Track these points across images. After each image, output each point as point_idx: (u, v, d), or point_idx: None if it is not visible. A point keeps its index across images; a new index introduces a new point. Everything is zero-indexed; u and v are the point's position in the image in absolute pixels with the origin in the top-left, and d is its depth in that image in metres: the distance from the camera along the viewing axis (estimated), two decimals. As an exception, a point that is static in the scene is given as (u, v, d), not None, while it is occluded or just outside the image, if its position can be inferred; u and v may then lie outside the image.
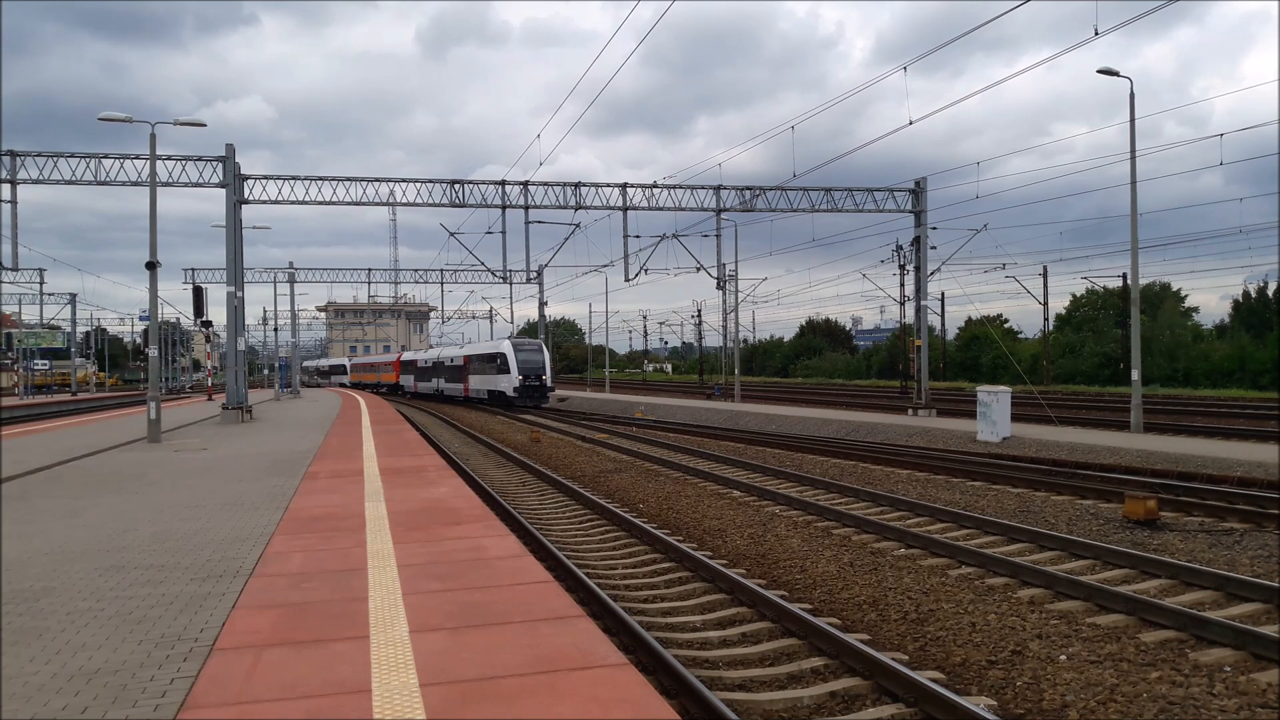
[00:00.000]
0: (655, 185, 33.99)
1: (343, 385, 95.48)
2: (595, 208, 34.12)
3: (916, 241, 33.81)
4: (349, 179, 31.91)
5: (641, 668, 6.63)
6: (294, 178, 31.24)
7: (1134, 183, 24.13)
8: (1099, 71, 24.22)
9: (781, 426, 30.55)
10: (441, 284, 65.60)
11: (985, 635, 7.70)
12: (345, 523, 9.52)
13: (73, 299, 73.74)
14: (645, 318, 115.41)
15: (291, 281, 59.00)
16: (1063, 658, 7.05)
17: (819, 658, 7.19)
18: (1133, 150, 24.09)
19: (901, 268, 49.36)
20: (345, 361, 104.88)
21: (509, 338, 54.10)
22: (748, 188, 34.54)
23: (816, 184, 34.24)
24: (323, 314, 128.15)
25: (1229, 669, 6.75)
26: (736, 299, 50.00)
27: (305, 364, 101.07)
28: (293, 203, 31.34)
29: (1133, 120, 24.21)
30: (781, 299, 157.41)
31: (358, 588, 6.64)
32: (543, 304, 58.01)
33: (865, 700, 6.37)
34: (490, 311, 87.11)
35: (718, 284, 43.48)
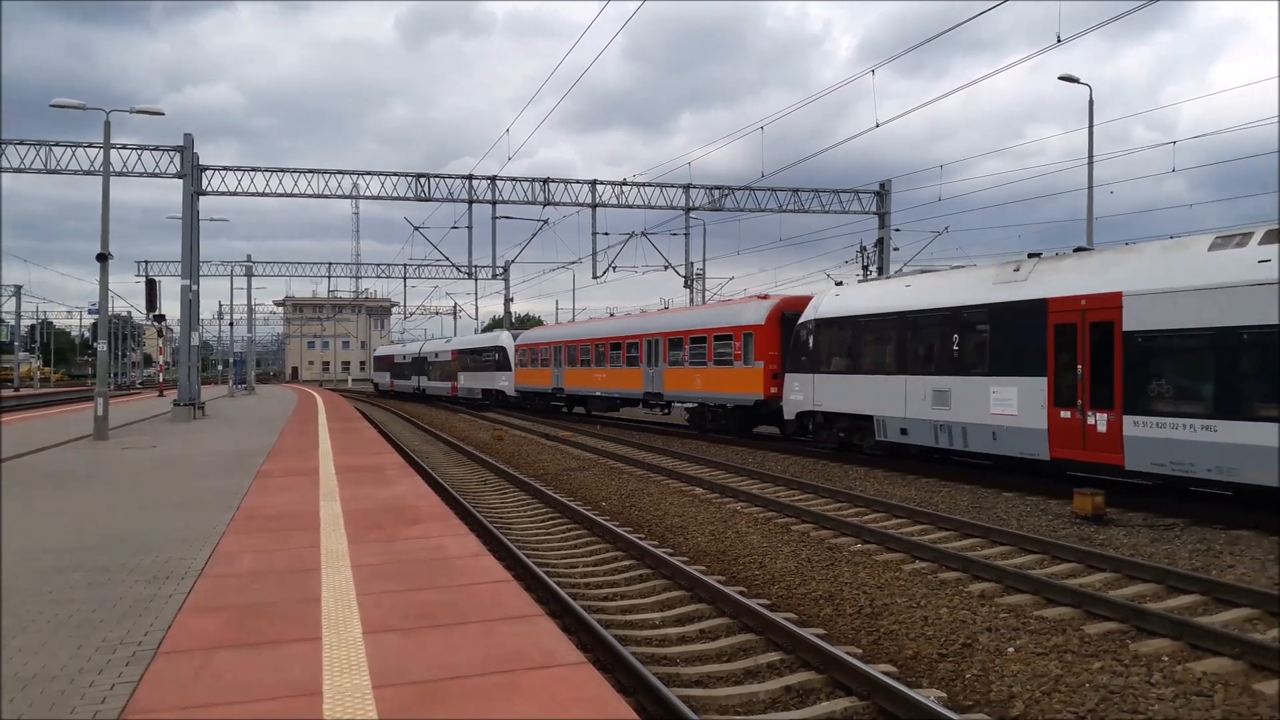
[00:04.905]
0: (625, 183, 34.06)
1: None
2: (564, 204, 34.12)
3: (880, 243, 34.22)
4: (311, 170, 31.59)
5: (600, 666, 6.68)
6: (255, 169, 30.84)
7: (1090, 187, 24.73)
8: (1060, 78, 24.82)
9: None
10: (404, 279, 65.22)
11: (937, 629, 7.85)
12: (299, 522, 9.46)
13: (17, 291, 72.19)
14: (612, 315, 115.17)
15: (249, 275, 58.21)
16: (1010, 650, 7.22)
17: (775, 653, 7.28)
18: (1090, 155, 24.75)
19: (865, 268, 49.83)
20: None
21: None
22: (717, 187, 34.73)
23: (786, 184, 34.51)
24: (280, 309, 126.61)
25: (1166, 659, 6.97)
26: (704, 297, 50.18)
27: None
28: (253, 194, 30.96)
29: (1091, 126, 24.83)
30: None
31: (311, 588, 6.61)
32: (509, 300, 57.80)
33: (820, 694, 6.48)
34: (454, 308, 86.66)
35: (685, 282, 43.62)
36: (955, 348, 16.18)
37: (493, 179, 33.19)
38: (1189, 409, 12.33)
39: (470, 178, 33.18)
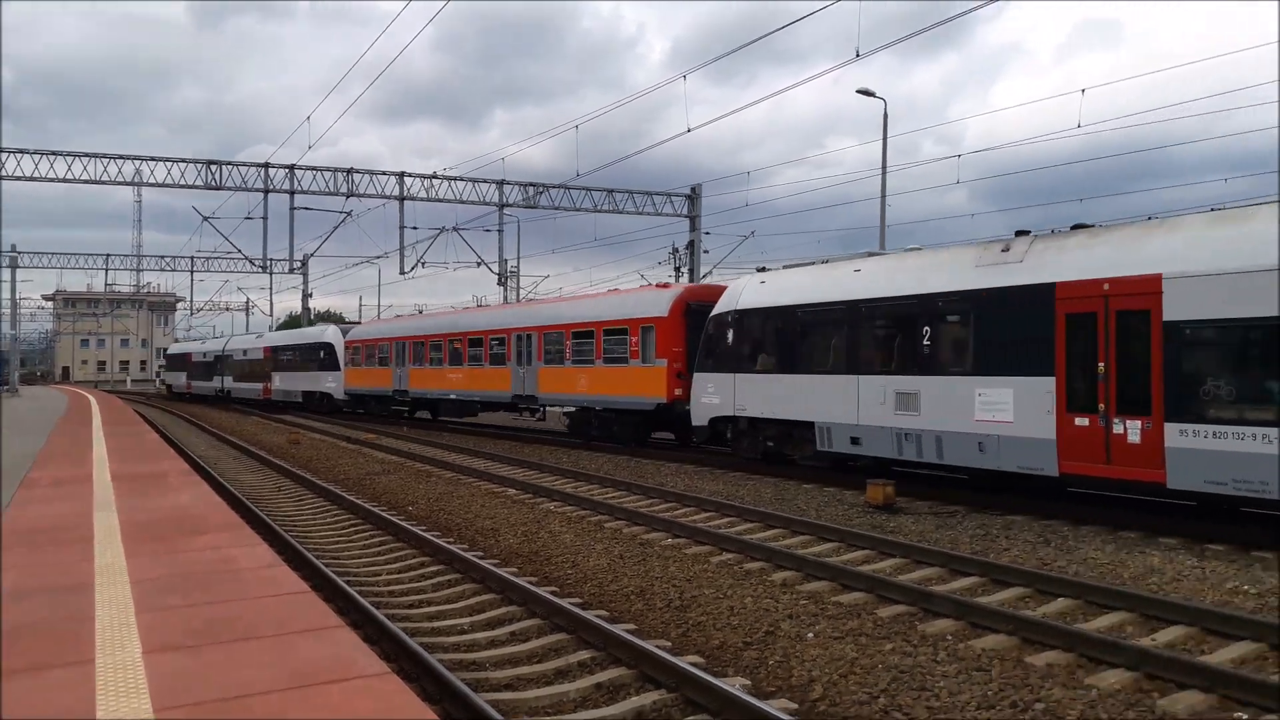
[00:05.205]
0: (435, 176, 33.28)
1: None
2: (370, 196, 32.99)
3: (691, 245, 35.12)
4: (88, 155, 28.91)
5: (405, 675, 6.44)
6: (23, 151, 27.90)
7: (884, 196, 26.32)
8: (859, 91, 26.28)
9: (559, 423, 30.69)
10: (191, 272, 60.81)
11: (742, 618, 8.09)
12: (69, 535, 8.59)
13: None
14: (421, 312, 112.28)
15: (14, 266, 52.69)
16: (810, 635, 7.54)
17: (587, 651, 7.27)
18: (884, 166, 26.27)
19: (677, 269, 51.05)
20: None
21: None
22: (531, 184, 34.56)
23: (601, 184, 34.77)
24: (50, 303, 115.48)
25: (950, 637, 7.48)
26: (518, 295, 49.81)
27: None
28: (19, 179, 28.00)
29: (885, 139, 26.37)
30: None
31: (83, 606, 6.00)
32: (307, 295, 55.26)
33: (630, 689, 6.51)
34: (247, 303, 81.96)
35: (499, 279, 43.14)
36: (926, 343, 13.79)
37: (291, 168, 31.65)
38: (1262, 415, 10.14)
39: (267, 166, 31.50)
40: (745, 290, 17.81)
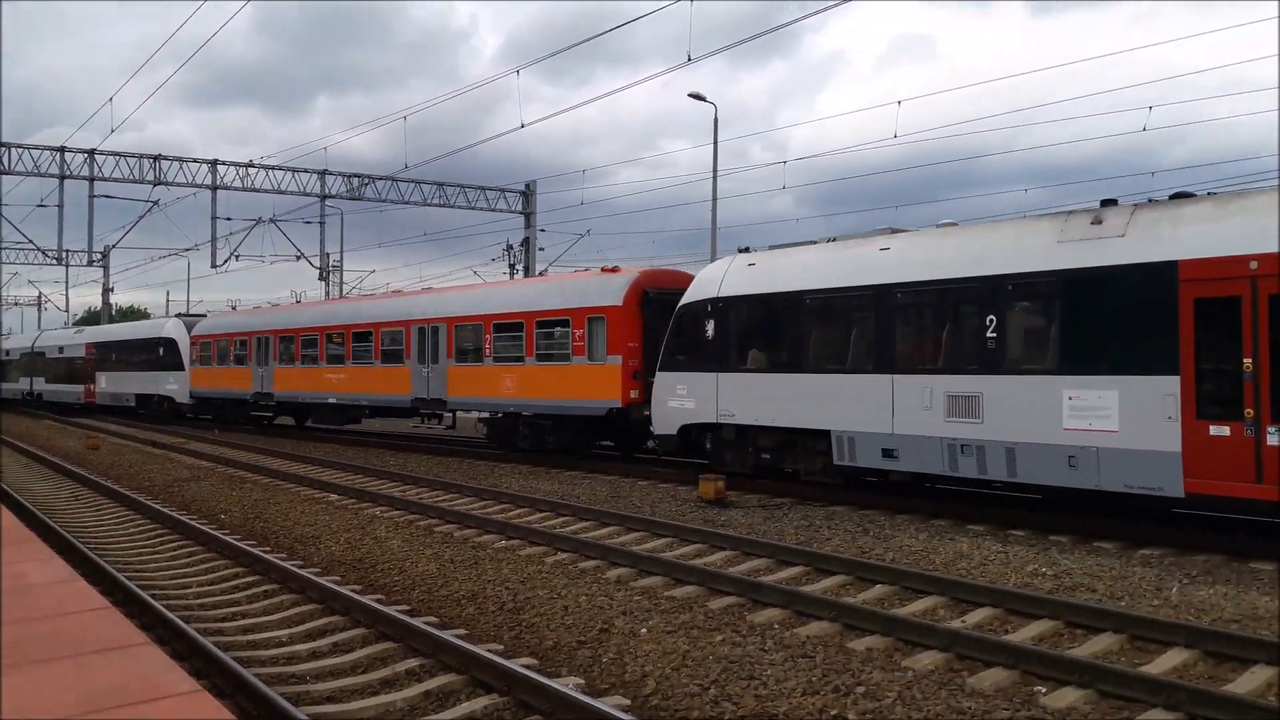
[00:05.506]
0: (252, 164, 31.56)
1: None
2: (179, 184, 30.99)
3: (526, 242, 34.85)
4: None
5: (218, 692, 6.05)
6: None
7: (715, 199, 26.96)
8: (690, 95, 26.81)
9: (388, 424, 29.78)
10: (-27, 265, 55.23)
11: (576, 617, 8.04)
12: None
13: None
14: (235, 308, 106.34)
15: None
16: (644, 631, 7.57)
17: (415, 659, 7.03)
18: (715, 170, 26.93)
19: (512, 266, 50.58)
20: None
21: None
22: (356, 175, 33.32)
23: (431, 178, 33.89)
24: None
25: (777, 626, 7.70)
26: (341, 291, 47.91)
27: None
28: None
29: (716, 143, 27.00)
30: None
31: None
32: (108, 290, 51.28)
33: (460, 695, 6.34)
34: (39, 298, 75.32)
35: (320, 274, 41.38)
36: (991, 334, 11.53)
37: (91, 153, 29.25)
38: None
39: (63, 150, 29.01)
40: (728, 274, 15.18)
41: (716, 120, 26.90)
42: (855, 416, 12.87)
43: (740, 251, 15.79)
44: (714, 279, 15.43)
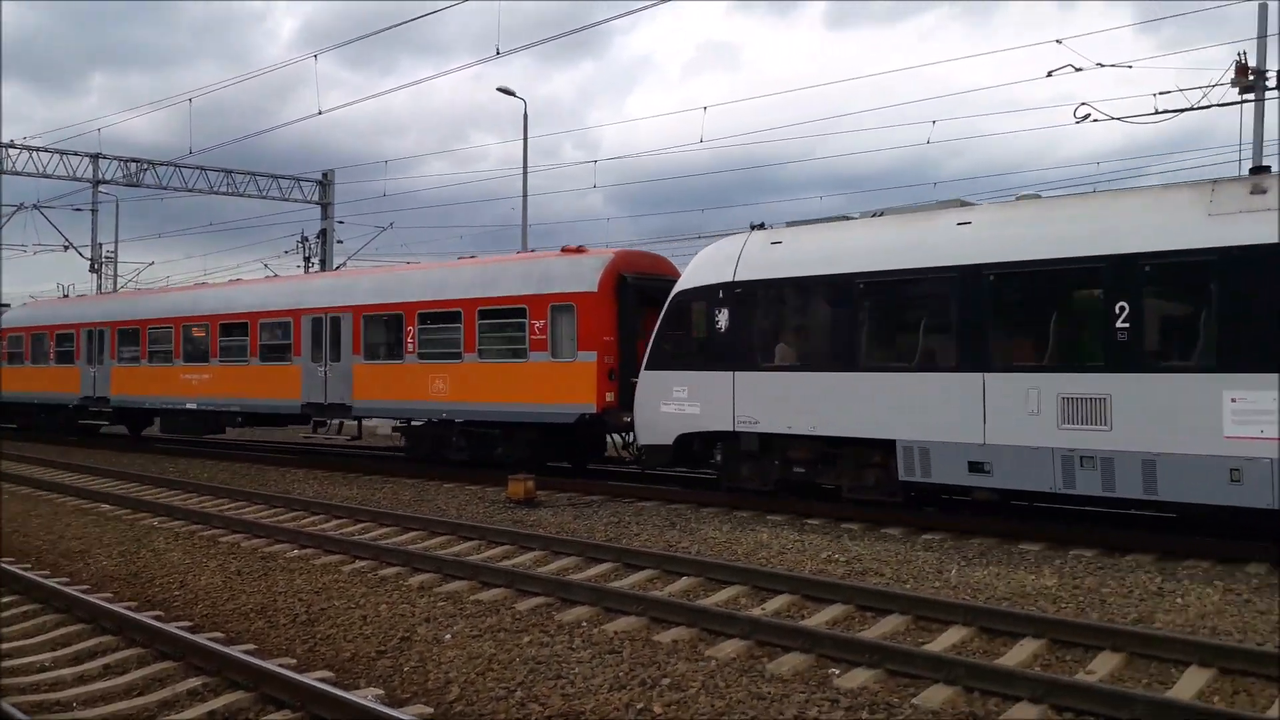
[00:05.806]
0: (14, 145, 28.49)
1: None
2: (-74, 167, 27.36)
3: (323, 234, 33.32)
4: None
5: (-43, 731, 5.35)
6: None
7: (525, 195, 26.78)
8: (498, 90, 26.55)
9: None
10: None
11: (376, 626, 7.72)
12: None
13: None
14: (66, 295, 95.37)
15: None
16: (448, 636, 7.35)
17: (198, 677, 6.51)
18: (525, 166, 26.71)
19: (307, 259, 48.17)
20: None
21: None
22: (134, 160, 30.72)
23: (219, 164, 31.70)
24: None
25: (585, 624, 7.68)
26: (115, 284, 44.03)
27: None
28: None
29: (526, 139, 26.79)
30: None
31: None
32: None
33: (249, 714, 5.92)
34: None
35: (91, 266, 37.96)
36: (1122, 324, 9.73)
37: None
38: None
39: None
40: (745, 254, 12.71)
41: (526, 116, 26.69)
42: (931, 423, 10.83)
43: (754, 228, 13.24)
44: (724, 260, 12.91)
